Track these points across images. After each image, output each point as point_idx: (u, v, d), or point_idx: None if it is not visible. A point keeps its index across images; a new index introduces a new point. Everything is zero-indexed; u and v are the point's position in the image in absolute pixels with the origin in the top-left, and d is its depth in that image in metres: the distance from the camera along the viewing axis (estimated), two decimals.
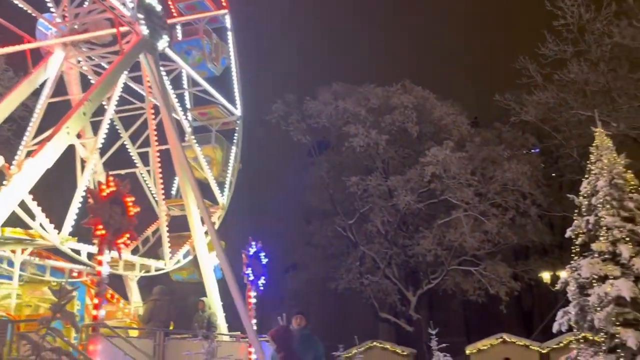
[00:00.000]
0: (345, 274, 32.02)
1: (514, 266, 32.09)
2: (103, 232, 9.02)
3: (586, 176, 11.27)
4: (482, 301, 29.95)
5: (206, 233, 15.16)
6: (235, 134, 19.88)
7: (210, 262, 15.43)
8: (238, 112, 19.78)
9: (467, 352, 21.50)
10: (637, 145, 22.45)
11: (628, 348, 9.03)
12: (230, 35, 19.57)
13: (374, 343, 23.37)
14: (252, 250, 14.34)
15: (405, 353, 23.14)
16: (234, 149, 19.57)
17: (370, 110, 31.93)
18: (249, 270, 14.03)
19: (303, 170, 38.31)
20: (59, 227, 12.21)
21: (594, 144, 11.42)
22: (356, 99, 32.33)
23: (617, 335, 9.25)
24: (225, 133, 19.90)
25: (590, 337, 10.10)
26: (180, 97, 19.11)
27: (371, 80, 33.85)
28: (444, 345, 17.10)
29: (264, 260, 14.74)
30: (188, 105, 19.52)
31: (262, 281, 14.38)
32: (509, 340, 20.93)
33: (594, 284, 9.89)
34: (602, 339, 9.70)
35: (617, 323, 9.31)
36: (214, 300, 15.06)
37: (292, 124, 32.90)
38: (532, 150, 34.40)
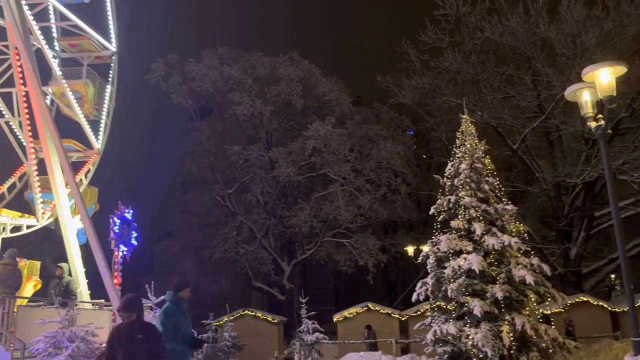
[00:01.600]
0: (222, 242, 31.74)
1: (383, 239, 34.10)
2: None
3: (451, 159, 11.92)
4: (352, 272, 31.50)
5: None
6: (110, 71, 18.40)
7: (72, 226, 14.35)
8: (113, 47, 18.19)
9: (335, 319, 22.40)
10: (497, 134, 24.57)
11: (474, 315, 9.80)
12: None
13: (246, 311, 23.45)
14: (121, 215, 13.58)
15: (275, 321, 23.53)
16: (108, 87, 18.11)
17: (257, 79, 31.47)
18: (116, 236, 13.31)
19: (183, 135, 36.87)
20: None
21: (460, 130, 12.12)
22: (242, 66, 31.64)
23: (465, 304, 10.00)
24: (100, 70, 18.23)
25: (443, 306, 10.86)
26: (48, 32, 17.19)
27: (259, 48, 33.35)
28: (313, 313, 17.78)
29: (134, 226, 14.06)
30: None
31: (126, 246, 13.71)
32: (373, 308, 22.05)
33: (450, 258, 10.54)
34: (453, 307, 10.46)
35: (467, 293, 10.06)
36: (75, 266, 14.08)
37: (172, 86, 31.31)
38: (407, 132, 36.37)
